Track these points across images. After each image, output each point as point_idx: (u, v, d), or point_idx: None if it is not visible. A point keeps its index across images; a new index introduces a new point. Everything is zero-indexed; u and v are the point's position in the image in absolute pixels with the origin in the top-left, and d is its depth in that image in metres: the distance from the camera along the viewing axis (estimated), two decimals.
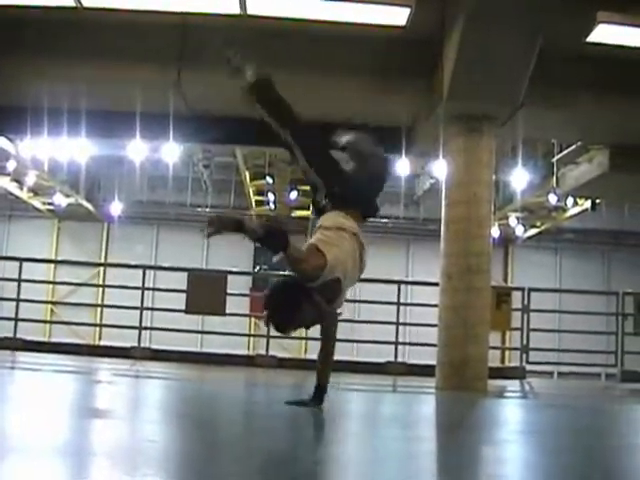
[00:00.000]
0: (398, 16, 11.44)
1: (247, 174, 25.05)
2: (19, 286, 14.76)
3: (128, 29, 12.07)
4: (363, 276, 6.56)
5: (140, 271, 15.19)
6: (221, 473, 3.72)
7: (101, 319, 24.79)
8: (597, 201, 20.82)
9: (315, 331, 6.44)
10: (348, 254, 6.02)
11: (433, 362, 11.89)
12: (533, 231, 28.13)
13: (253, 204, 27.71)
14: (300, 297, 5.77)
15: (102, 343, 23.24)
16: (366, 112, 12.65)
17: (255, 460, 4.15)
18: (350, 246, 6.05)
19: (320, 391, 6.42)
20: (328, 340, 6.50)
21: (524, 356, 14.21)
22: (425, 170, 25.31)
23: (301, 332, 23.60)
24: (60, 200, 27.35)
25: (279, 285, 6.03)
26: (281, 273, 12.02)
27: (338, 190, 6.35)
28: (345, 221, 6.15)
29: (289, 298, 5.80)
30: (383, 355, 14.61)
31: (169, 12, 11.74)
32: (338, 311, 6.38)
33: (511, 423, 7.73)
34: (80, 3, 11.52)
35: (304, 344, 26.87)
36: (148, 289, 16.19)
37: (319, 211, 6.55)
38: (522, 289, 14.49)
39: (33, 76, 12.55)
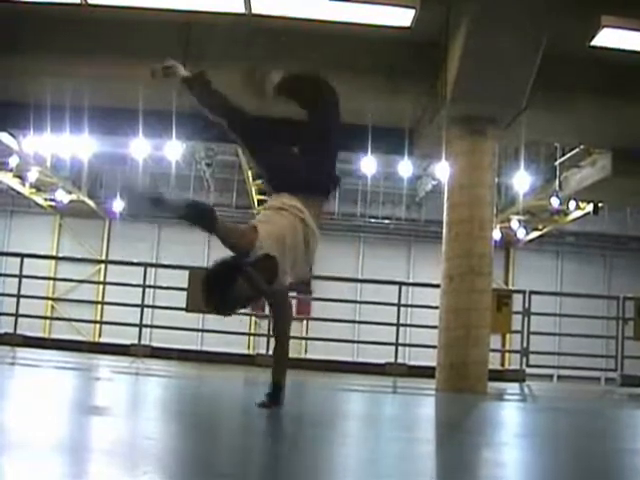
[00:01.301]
0: (403, 17, 11.44)
1: (249, 173, 25.04)
2: (20, 282, 14.75)
3: (132, 26, 12.07)
4: (365, 277, 6.52)
5: (141, 269, 15.19)
6: (219, 472, 3.71)
7: (101, 316, 24.79)
8: (599, 205, 20.79)
9: (315, 331, 6.43)
10: (285, 230, 5.83)
11: (433, 364, 11.89)
12: (535, 234, 28.12)
13: (255, 203, 27.70)
14: (234, 272, 5.60)
15: (102, 340, 23.24)
16: (369, 113, 12.65)
17: (253, 459, 4.15)
18: (289, 223, 5.87)
19: (277, 390, 6.22)
20: (281, 335, 6.49)
21: (524, 359, 14.20)
22: (427, 172, 25.33)
23: (300, 331, 23.54)
24: (62, 197, 27.35)
25: (213, 266, 5.78)
26: None
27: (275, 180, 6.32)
28: (287, 201, 5.99)
29: (223, 275, 5.64)
30: (383, 356, 14.61)
31: (173, 10, 11.74)
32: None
33: (510, 426, 7.73)
34: (85, 0, 11.53)
35: (304, 344, 26.88)
36: (149, 287, 16.18)
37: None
38: (523, 292, 14.49)
39: (36, 72, 12.55)
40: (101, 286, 27.13)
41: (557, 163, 18.54)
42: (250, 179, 25.55)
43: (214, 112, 6.51)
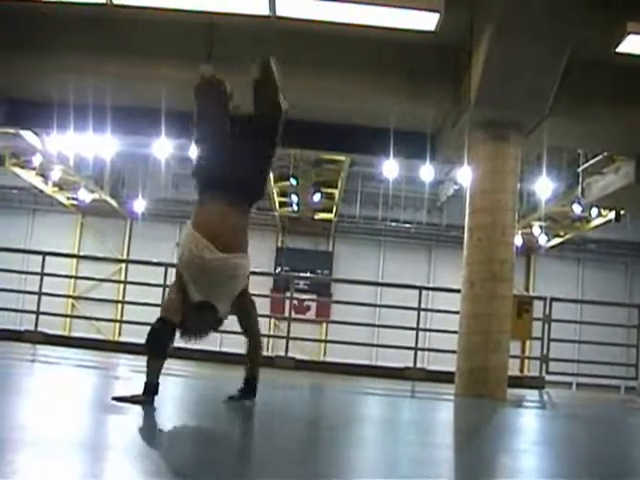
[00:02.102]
0: (427, 21, 11.42)
1: (271, 175, 25.05)
2: (41, 280, 14.80)
3: (156, 27, 12.11)
4: (385, 280, 6.54)
5: (162, 268, 15.21)
6: (236, 473, 3.72)
7: (121, 315, 24.88)
8: (621, 212, 20.69)
9: (334, 334, 6.43)
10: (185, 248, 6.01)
11: (452, 369, 11.85)
12: (556, 241, 28.03)
13: (277, 205, 27.73)
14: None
15: (122, 339, 23.30)
16: (392, 116, 12.64)
17: (270, 461, 4.15)
18: (187, 240, 6.02)
19: (248, 383, 6.37)
20: (250, 332, 6.47)
21: (544, 366, 14.14)
22: (449, 176, 25.30)
23: (320, 334, 23.56)
24: (84, 195, 27.49)
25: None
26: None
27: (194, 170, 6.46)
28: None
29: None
30: (402, 360, 14.58)
31: (198, 11, 11.77)
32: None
33: (529, 432, 7.71)
34: (110, 0, 11.58)
35: (323, 347, 26.91)
36: (169, 286, 16.19)
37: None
38: (544, 299, 14.42)
39: (60, 71, 12.60)
40: (121, 285, 27.22)
41: (580, 169, 18.44)
42: (271, 181, 25.57)
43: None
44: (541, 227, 27.01)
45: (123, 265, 28.62)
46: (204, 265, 5.87)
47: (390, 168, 22.46)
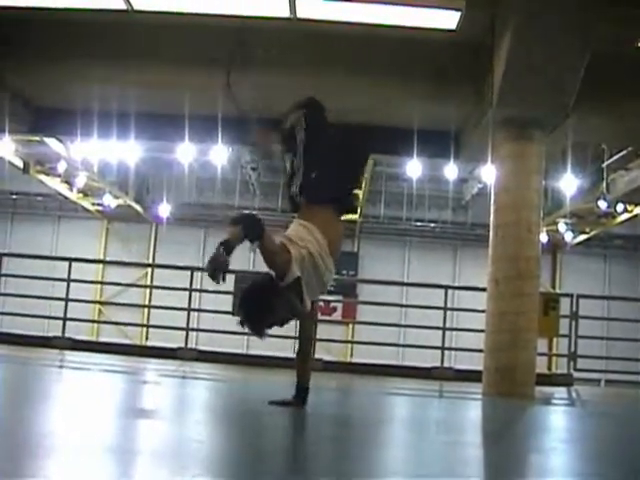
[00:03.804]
0: (448, 20, 11.42)
1: None
2: (68, 286, 14.89)
3: (177, 32, 12.17)
4: (411, 280, 6.57)
5: (187, 272, 15.27)
6: (267, 473, 3.72)
7: (148, 320, 24.97)
8: None
9: (361, 335, 6.45)
10: (305, 256, 6.00)
11: (480, 368, 11.82)
12: (582, 237, 27.86)
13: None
14: (271, 297, 5.85)
15: (149, 343, 23.39)
16: (415, 116, 12.64)
17: (300, 461, 4.16)
18: (306, 252, 6.01)
19: (301, 391, 6.40)
20: (306, 339, 6.54)
21: (571, 363, 14.08)
22: (473, 175, 25.24)
23: (346, 334, 23.60)
24: (109, 201, 27.61)
25: (250, 290, 6.01)
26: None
27: (314, 175, 6.36)
28: (304, 233, 6.13)
29: (260, 300, 5.86)
30: (429, 360, 14.56)
31: (219, 15, 11.81)
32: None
33: (558, 431, 7.67)
34: (131, 6, 11.64)
35: (350, 348, 26.88)
36: (195, 290, 16.27)
37: (294, 207, 6.56)
38: (570, 295, 14.36)
39: (84, 79, 12.68)
40: (148, 290, 27.30)
41: (604, 165, 18.38)
42: None
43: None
44: (566, 224, 26.87)
45: (149, 270, 28.70)
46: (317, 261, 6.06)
47: (414, 168, 22.45)
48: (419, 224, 29.27)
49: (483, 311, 11.94)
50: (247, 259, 21.27)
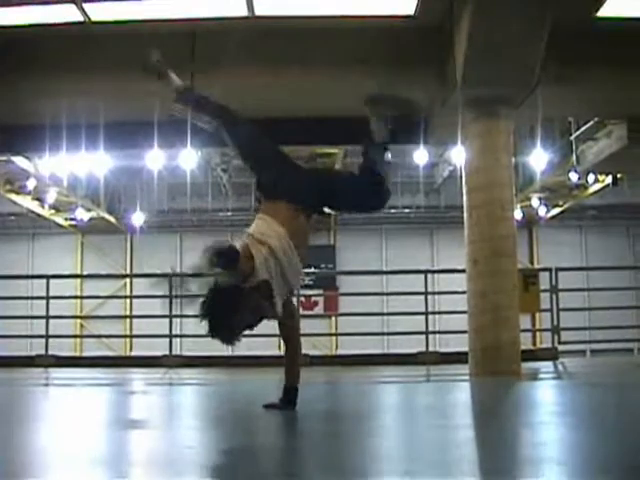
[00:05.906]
0: (407, 6, 11.44)
1: None
2: (47, 303, 14.79)
3: (137, 39, 12.10)
4: (389, 268, 6.51)
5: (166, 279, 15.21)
6: (262, 474, 3.72)
7: (131, 330, 24.87)
8: (618, 176, 20.69)
9: (345, 327, 6.41)
10: (269, 256, 5.70)
11: (465, 349, 11.85)
12: (556, 211, 27.99)
13: None
14: (236, 301, 5.50)
15: (133, 353, 23.31)
16: None
17: (294, 461, 4.16)
18: (266, 252, 5.72)
19: (290, 392, 6.11)
20: (289, 340, 6.29)
21: (555, 337, 14.14)
22: (443, 158, 25.30)
23: (330, 327, 23.53)
24: (82, 215, 27.52)
25: (212, 296, 5.56)
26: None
27: (263, 180, 6.28)
28: (266, 229, 5.85)
29: (225, 306, 5.50)
30: (414, 346, 14.58)
31: (177, 19, 11.78)
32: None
33: (547, 405, 7.70)
34: (88, 17, 11.58)
35: (334, 340, 26.89)
36: (176, 297, 16.19)
37: (259, 200, 6.48)
38: (549, 270, 14.42)
39: (49, 94, 12.59)
40: (128, 300, 27.20)
41: (572, 137, 18.44)
42: None
43: (212, 116, 6.68)
44: (540, 199, 26.99)
45: (127, 280, 28.61)
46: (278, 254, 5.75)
47: None
48: (393, 211, 29.23)
49: (464, 292, 11.96)
50: None
